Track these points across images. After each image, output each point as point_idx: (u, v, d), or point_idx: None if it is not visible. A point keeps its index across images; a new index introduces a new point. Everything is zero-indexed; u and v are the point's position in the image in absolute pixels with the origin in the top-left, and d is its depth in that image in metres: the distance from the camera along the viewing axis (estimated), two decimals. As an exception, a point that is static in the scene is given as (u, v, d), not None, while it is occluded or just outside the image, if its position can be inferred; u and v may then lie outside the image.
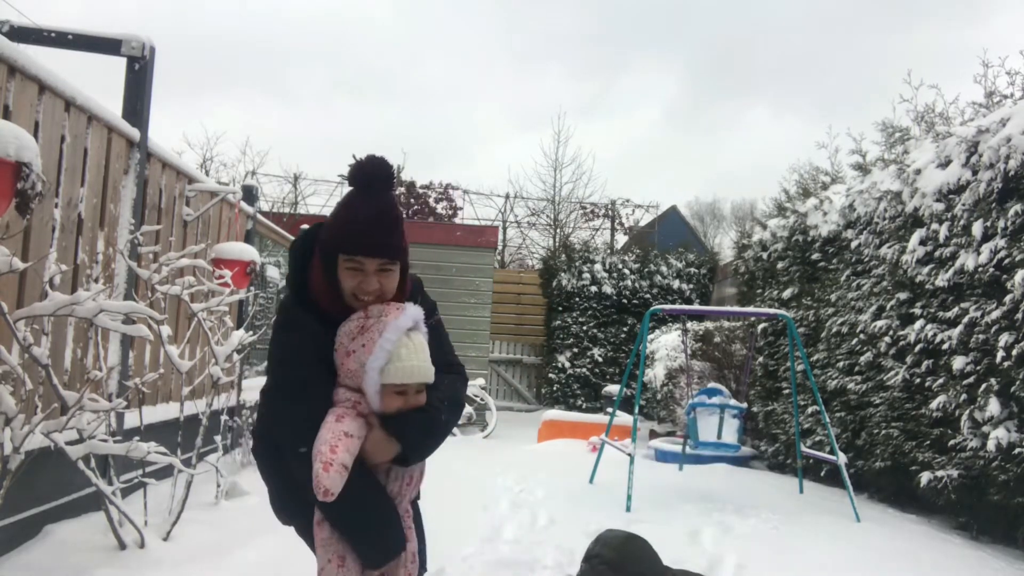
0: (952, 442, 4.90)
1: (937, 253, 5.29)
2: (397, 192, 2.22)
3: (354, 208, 1.79)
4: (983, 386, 4.62)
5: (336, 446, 1.63)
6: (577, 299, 12.91)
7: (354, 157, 1.69)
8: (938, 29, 63.00)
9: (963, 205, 5.05)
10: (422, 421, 1.78)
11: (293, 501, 1.83)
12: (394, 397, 1.74)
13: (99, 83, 4.30)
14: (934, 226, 5.36)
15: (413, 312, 1.81)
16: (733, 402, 7.48)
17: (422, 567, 1.90)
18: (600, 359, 12.74)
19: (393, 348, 1.73)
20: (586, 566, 2.01)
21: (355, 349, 1.75)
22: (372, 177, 1.80)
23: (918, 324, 5.38)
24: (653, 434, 9.27)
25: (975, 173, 4.98)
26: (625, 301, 12.91)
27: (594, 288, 12.86)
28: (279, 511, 1.92)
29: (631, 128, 67.25)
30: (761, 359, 8.15)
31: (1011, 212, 4.56)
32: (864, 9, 69.95)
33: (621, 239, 17.41)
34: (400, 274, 1.87)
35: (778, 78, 73.15)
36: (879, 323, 5.87)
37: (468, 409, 9.87)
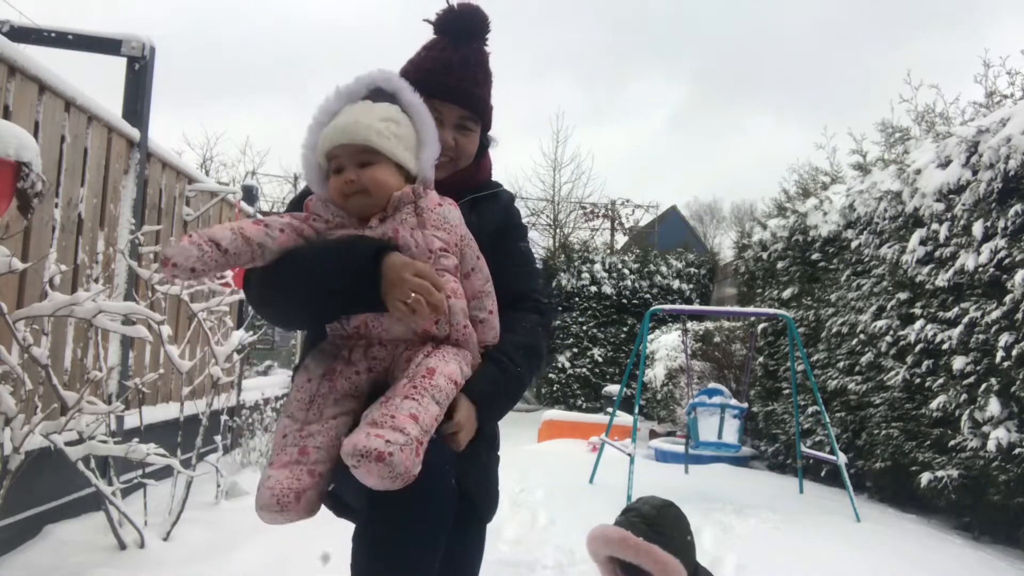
0: (952, 442, 4.89)
1: (937, 253, 5.29)
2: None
3: (438, 49, 1.56)
4: (983, 386, 4.62)
5: (226, 230, 1.27)
6: (577, 299, 12.91)
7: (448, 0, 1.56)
8: (938, 41, 63.04)
9: (963, 205, 5.05)
10: (492, 374, 1.41)
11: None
12: (334, 179, 1.37)
13: (99, 83, 4.30)
14: (934, 226, 5.36)
15: (367, 77, 1.44)
16: (733, 402, 7.48)
17: (480, 520, 1.62)
18: (600, 359, 12.74)
19: (326, 120, 1.41)
20: (622, 518, 2.00)
21: None
22: (468, 23, 1.56)
23: (918, 324, 5.38)
24: (653, 434, 9.27)
25: (975, 173, 4.98)
26: (625, 301, 12.92)
27: (594, 288, 12.86)
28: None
29: (630, 128, 67.28)
30: (761, 359, 8.15)
31: (1011, 212, 4.56)
32: (866, 19, 70.00)
33: (621, 239, 17.40)
34: (480, 147, 1.62)
35: (780, 78, 73.19)
36: (879, 323, 5.87)
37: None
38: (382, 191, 1.35)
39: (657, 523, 1.94)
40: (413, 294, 1.23)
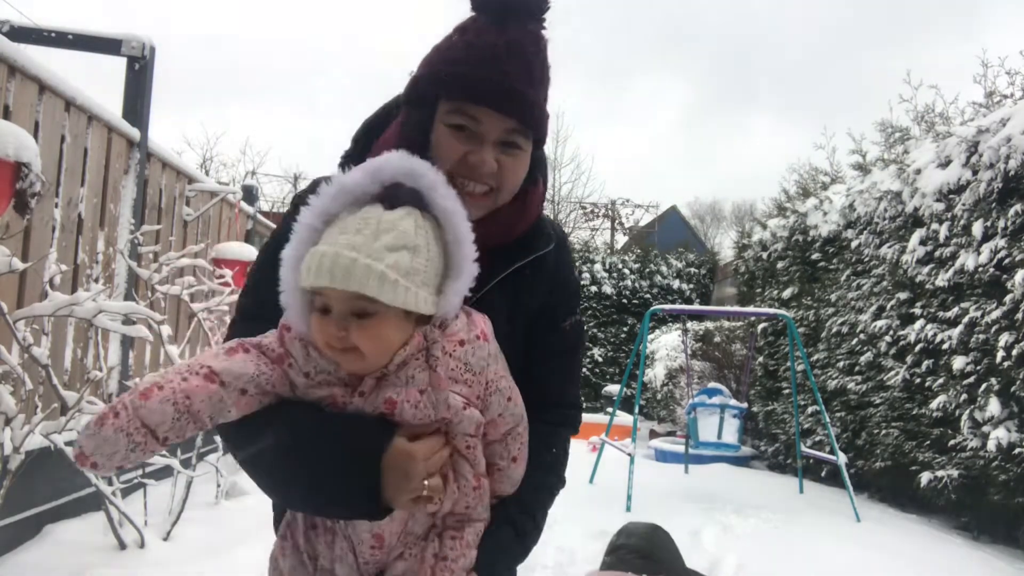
0: (952, 442, 4.89)
1: (937, 253, 5.29)
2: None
3: (475, 32, 1.08)
4: (983, 386, 4.62)
5: (164, 385, 0.93)
6: (577, 299, 12.92)
7: None
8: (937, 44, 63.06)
9: (963, 205, 5.05)
10: (506, 542, 1.12)
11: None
12: (317, 319, 0.97)
13: (99, 83, 4.30)
14: (934, 226, 5.36)
15: (375, 167, 1.01)
16: (733, 402, 7.47)
17: None
18: (600, 359, 12.74)
19: (321, 227, 1.00)
20: (612, 559, 1.87)
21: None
22: (513, 2, 1.08)
23: (918, 324, 5.38)
24: (653, 434, 9.27)
25: (975, 173, 4.98)
26: (625, 301, 12.92)
27: (594, 288, 12.87)
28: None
29: (630, 128, 67.32)
30: (761, 359, 8.15)
31: (1011, 212, 4.56)
32: (866, 19, 70.04)
33: (621, 239, 17.42)
34: (532, 168, 1.15)
35: (780, 78, 73.21)
36: (879, 323, 5.87)
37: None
38: (381, 352, 0.97)
39: (651, 553, 1.85)
40: (426, 482, 0.97)
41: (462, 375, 1.01)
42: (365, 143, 1.18)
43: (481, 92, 1.05)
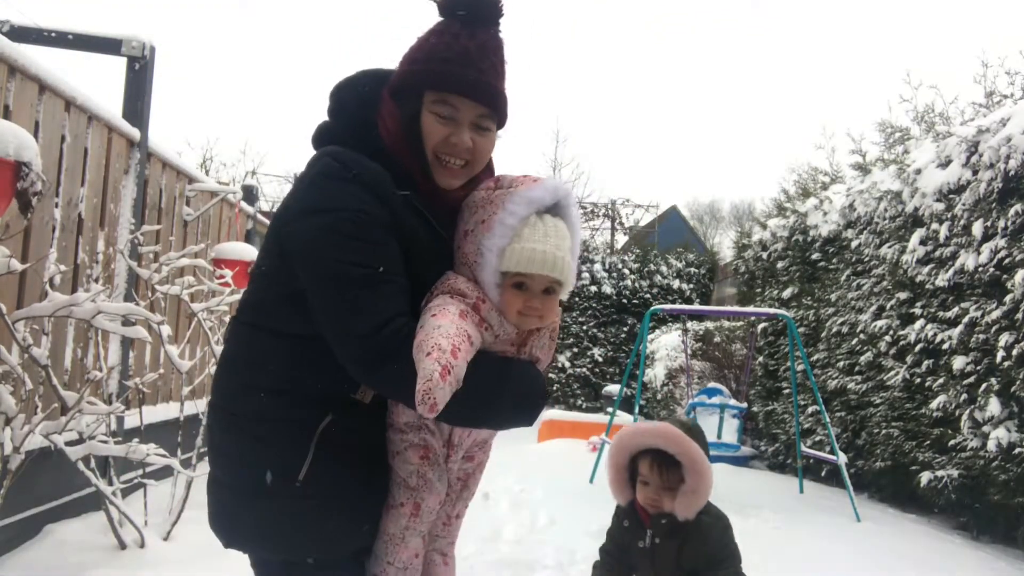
0: (952, 442, 4.89)
1: (937, 253, 5.29)
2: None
3: (451, 35, 1.35)
4: (983, 386, 4.62)
5: (459, 348, 1.20)
6: (577, 299, 12.91)
7: None
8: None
9: (963, 205, 5.05)
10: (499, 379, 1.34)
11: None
12: (513, 294, 1.33)
13: (99, 83, 4.30)
14: (934, 226, 5.36)
15: (553, 186, 1.37)
16: (733, 402, 7.48)
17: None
18: (600, 359, 12.74)
19: (518, 224, 1.32)
20: (660, 421, 2.19)
21: (472, 227, 1.37)
22: (482, 5, 1.36)
23: (918, 324, 5.38)
24: (653, 434, 9.26)
25: (975, 173, 4.98)
26: (625, 301, 12.91)
27: (594, 288, 12.86)
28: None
29: (630, 127, 67.29)
30: (761, 359, 8.15)
31: (1011, 212, 4.56)
32: (867, 20, 70.01)
33: (621, 239, 17.41)
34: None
35: (781, 78, 73.16)
36: (879, 323, 5.87)
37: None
38: (551, 319, 1.40)
39: (692, 430, 2.16)
40: None
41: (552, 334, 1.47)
42: (348, 124, 1.42)
43: (460, 85, 1.34)
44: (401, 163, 1.37)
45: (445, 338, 1.19)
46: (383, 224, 1.29)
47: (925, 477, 5.07)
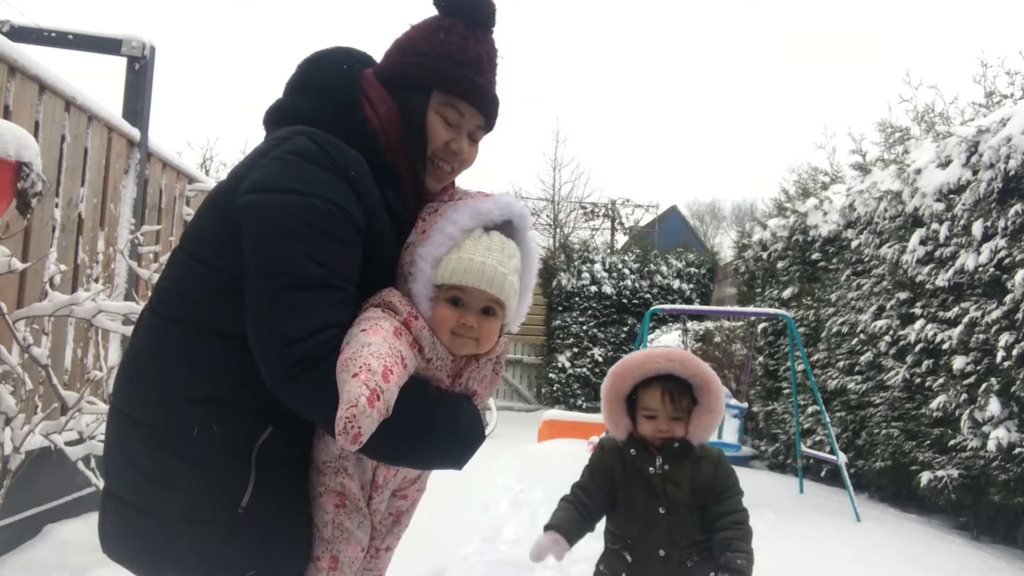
0: (952, 442, 4.89)
1: (937, 253, 5.29)
2: None
3: (459, 36, 1.30)
4: (983, 386, 4.62)
5: (391, 370, 1.06)
6: (577, 299, 12.91)
7: None
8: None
9: (963, 205, 5.05)
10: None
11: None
12: (446, 309, 1.20)
13: (99, 83, 4.30)
14: (934, 226, 5.36)
15: (506, 203, 1.28)
16: (733, 402, 7.47)
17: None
18: (600, 359, 12.74)
19: (459, 235, 1.23)
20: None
21: (413, 239, 1.27)
22: (484, 9, 1.32)
23: (918, 324, 5.38)
24: (653, 434, 9.26)
25: (975, 173, 4.98)
26: (625, 301, 12.91)
27: (594, 288, 12.86)
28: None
29: (630, 127, 67.31)
30: (761, 359, 8.15)
31: (1011, 212, 4.56)
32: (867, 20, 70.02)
33: (621, 239, 17.40)
34: None
35: (782, 78, 73.20)
36: (879, 323, 5.87)
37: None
38: (489, 343, 1.26)
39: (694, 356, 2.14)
40: None
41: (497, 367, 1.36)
42: (323, 102, 1.28)
43: (472, 94, 1.31)
44: (386, 154, 1.27)
45: (376, 358, 1.04)
46: (354, 225, 1.16)
47: (925, 477, 5.07)
